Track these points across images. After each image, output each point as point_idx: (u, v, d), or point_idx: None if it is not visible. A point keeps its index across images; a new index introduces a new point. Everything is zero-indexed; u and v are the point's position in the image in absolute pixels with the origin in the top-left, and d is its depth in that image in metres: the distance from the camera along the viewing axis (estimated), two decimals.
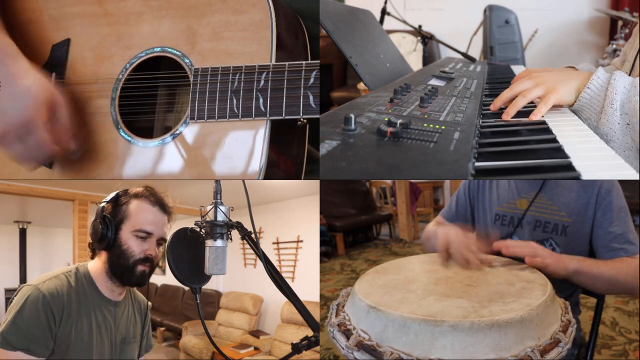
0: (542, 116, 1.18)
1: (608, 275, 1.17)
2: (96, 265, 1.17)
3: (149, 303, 1.33)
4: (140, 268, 1.14)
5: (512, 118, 1.18)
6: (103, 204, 1.15)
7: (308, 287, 3.84)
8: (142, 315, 1.29)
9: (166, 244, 1.10)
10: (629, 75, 1.30)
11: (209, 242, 1.00)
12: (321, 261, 4.64)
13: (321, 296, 3.69)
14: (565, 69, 1.62)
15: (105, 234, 1.12)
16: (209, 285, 1.24)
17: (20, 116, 1.07)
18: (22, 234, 6.60)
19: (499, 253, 1.19)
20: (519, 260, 1.14)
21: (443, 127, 1.00)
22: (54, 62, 1.25)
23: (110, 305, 1.18)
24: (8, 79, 1.07)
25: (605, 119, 1.12)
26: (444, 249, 1.16)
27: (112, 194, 1.17)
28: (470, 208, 1.54)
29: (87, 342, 1.11)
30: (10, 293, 6.37)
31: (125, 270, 1.14)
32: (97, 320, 1.14)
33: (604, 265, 1.20)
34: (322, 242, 4.90)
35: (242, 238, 1.01)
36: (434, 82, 1.62)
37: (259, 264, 1.49)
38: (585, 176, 0.82)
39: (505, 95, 1.24)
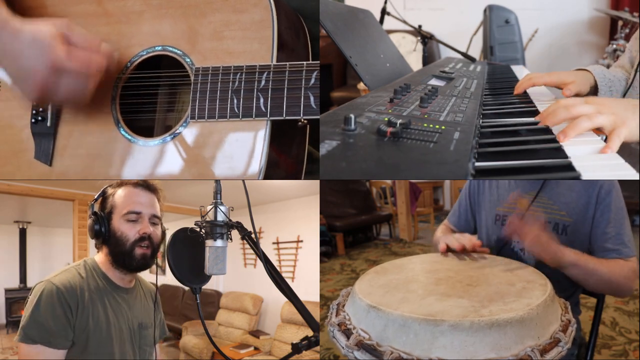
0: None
1: (602, 273, 1.19)
2: (101, 258, 1.21)
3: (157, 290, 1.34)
4: (139, 251, 1.17)
5: (511, 119, 1.18)
6: (92, 202, 1.19)
7: (308, 287, 3.84)
8: (153, 302, 1.31)
9: (166, 244, 1.11)
10: None
11: (209, 242, 1.00)
12: (321, 261, 4.64)
13: (321, 296, 3.69)
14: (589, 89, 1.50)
15: (99, 229, 1.16)
16: (209, 285, 1.25)
17: (41, 64, 1.03)
18: (22, 234, 6.61)
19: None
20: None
21: (443, 127, 1.00)
22: None
23: (123, 293, 1.22)
24: (8, 41, 1.04)
25: None
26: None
27: (100, 191, 1.21)
28: (471, 210, 1.54)
29: (105, 329, 1.14)
30: (10, 293, 6.37)
31: (125, 256, 1.17)
32: (112, 308, 1.17)
33: (600, 263, 1.21)
34: (322, 242, 4.89)
35: (242, 238, 1.01)
36: (434, 82, 1.62)
37: (259, 264, 1.49)
38: (585, 176, 0.82)
39: (561, 115, 1.05)
